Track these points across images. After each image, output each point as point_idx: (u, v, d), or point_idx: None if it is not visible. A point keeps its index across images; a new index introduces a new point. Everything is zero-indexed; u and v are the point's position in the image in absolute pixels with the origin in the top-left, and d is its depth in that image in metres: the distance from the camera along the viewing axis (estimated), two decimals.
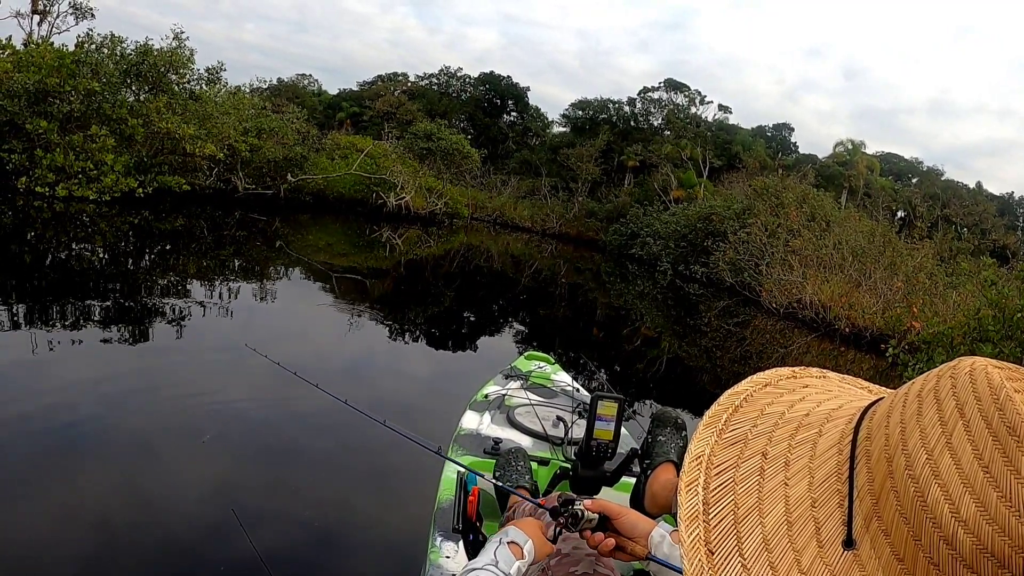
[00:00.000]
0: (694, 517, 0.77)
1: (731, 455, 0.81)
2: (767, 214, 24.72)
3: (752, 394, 0.89)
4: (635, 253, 31.27)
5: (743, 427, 0.83)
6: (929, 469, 0.65)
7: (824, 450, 0.77)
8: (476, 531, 2.74)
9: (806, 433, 0.80)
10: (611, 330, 15.48)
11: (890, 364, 11.46)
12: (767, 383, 0.91)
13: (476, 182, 41.29)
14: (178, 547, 3.91)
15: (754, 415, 0.85)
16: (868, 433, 0.74)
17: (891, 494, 0.68)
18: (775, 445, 0.80)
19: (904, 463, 0.68)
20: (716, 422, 0.85)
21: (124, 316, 8.77)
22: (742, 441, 0.82)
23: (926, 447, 0.67)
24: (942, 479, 0.64)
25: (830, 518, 0.73)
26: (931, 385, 0.71)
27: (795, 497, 0.75)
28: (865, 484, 0.72)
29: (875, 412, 0.76)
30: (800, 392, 0.89)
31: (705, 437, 0.83)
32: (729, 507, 0.76)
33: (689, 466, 0.81)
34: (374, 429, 6.33)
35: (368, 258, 18.68)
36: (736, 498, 0.77)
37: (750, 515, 0.75)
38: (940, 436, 0.66)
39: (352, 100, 53.72)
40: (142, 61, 19.39)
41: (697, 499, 0.78)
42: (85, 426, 5.28)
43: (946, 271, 20.65)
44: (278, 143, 24.29)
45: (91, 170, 16.84)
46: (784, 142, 52.33)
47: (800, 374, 0.94)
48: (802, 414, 0.83)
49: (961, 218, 41.93)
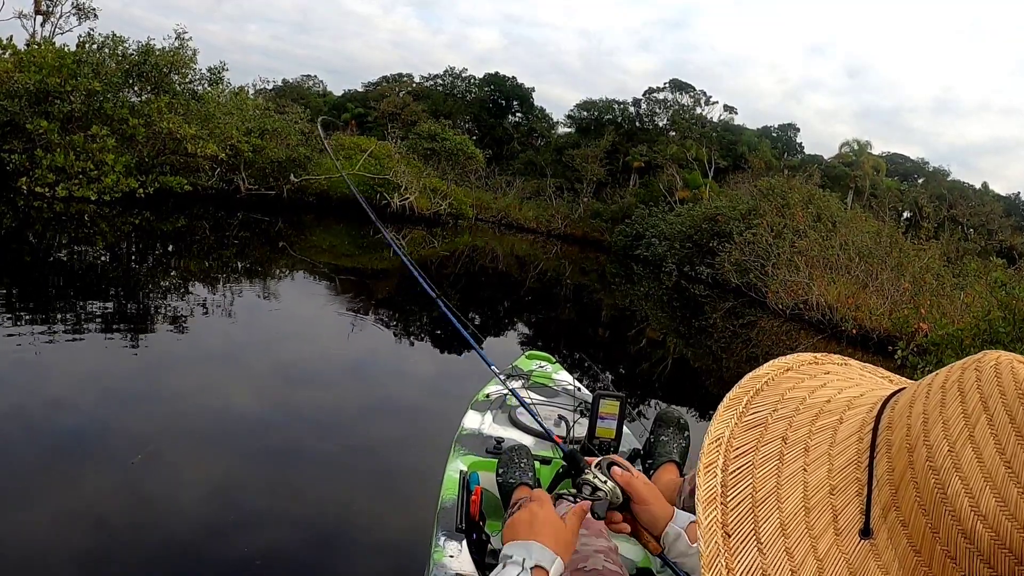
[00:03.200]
0: (712, 499, 0.76)
1: (751, 438, 0.81)
2: (773, 215, 24.60)
3: (773, 378, 0.89)
4: (640, 254, 31.14)
5: (764, 411, 0.83)
6: (950, 462, 0.65)
7: (844, 437, 0.77)
8: (479, 530, 2.73)
9: (827, 420, 0.80)
10: (616, 331, 15.39)
11: (898, 366, 11.34)
12: (788, 367, 0.91)
13: (481, 183, 41.28)
14: (179, 548, 3.90)
15: (775, 399, 0.84)
16: (889, 423, 0.74)
17: (911, 485, 0.68)
18: (795, 430, 0.80)
19: (925, 454, 0.67)
20: (737, 404, 0.85)
21: (124, 317, 8.71)
22: (762, 425, 0.82)
23: (948, 439, 0.66)
24: (963, 472, 0.64)
25: (848, 506, 0.72)
26: (955, 377, 0.71)
27: (814, 483, 0.75)
28: (884, 474, 0.71)
29: (897, 402, 0.76)
30: (821, 378, 0.89)
31: (725, 419, 0.84)
32: (747, 490, 0.76)
33: (708, 447, 0.81)
34: (374, 429, 6.32)
35: (372, 259, 18.65)
36: (755, 482, 0.77)
37: (768, 499, 0.75)
38: (963, 429, 0.66)
39: (357, 101, 53.86)
40: (144, 61, 19.27)
41: (716, 481, 0.77)
42: (84, 426, 5.27)
43: (953, 272, 20.54)
44: (281, 144, 24.19)
45: (91, 170, 16.75)
46: (789, 142, 52.29)
47: (822, 360, 0.94)
48: (823, 400, 0.83)
49: (968, 218, 41.73)
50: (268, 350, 8.49)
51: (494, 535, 2.83)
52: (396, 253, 3.41)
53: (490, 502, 2.95)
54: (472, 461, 3.27)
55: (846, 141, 48.85)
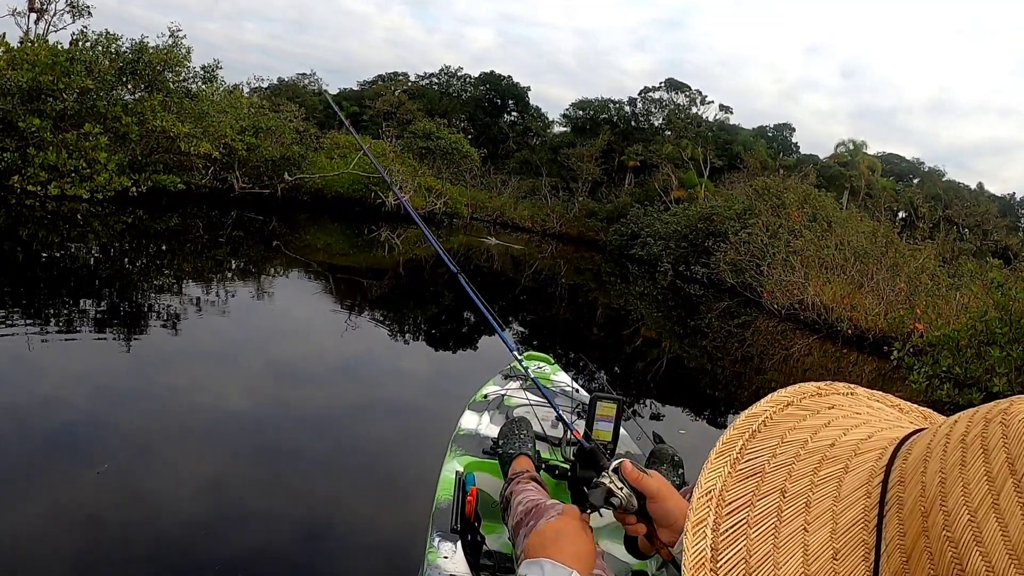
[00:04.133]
0: (700, 564, 0.69)
1: (746, 490, 0.72)
2: (768, 214, 24.61)
3: (771, 416, 0.80)
4: (636, 253, 31.19)
5: (761, 457, 0.75)
6: (971, 533, 0.57)
7: (850, 491, 0.69)
8: (474, 531, 2.75)
9: (831, 468, 0.71)
10: (611, 330, 15.36)
11: (895, 367, 11.32)
12: (789, 403, 0.82)
13: (476, 182, 41.33)
14: (173, 548, 3.87)
15: (773, 443, 0.76)
16: (901, 477, 0.66)
17: (924, 554, 0.59)
18: (795, 481, 0.71)
19: (942, 522, 0.59)
20: (730, 450, 0.77)
21: (117, 316, 8.66)
22: (759, 474, 0.73)
23: (969, 506, 0.58)
24: (985, 547, 0.55)
25: (853, 574, 0.64)
26: (977, 431, 0.62)
27: (815, 546, 0.66)
28: (895, 538, 0.63)
29: (910, 451, 0.67)
30: (825, 414, 0.80)
31: (717, 468, 0.76)
32: (741, 554, 0.68)
33: (698, 503, 0.73)
34: (372, 428, 6.29)
35: (367, 258, 18.61)
36: (749, 543, 0.68)
37: (764, 565, 0.66)
38: (986, 495, 0.57)
39: (352, 100, 53.78)
40: (137, 59, 19.17)
41: (705, 543, 0.70)
42: (77, 425, 5.23)
43: (948, 272, 20.52)
44: (276, 142, 24.11)
45: (84, 169, 16.65)
46: (785, 142, 52.41)
47: (825, 391, 0.84)
48: (827, 444, 0.74)
49: (963, 219, 41.89)
50: (262, 349, 8.45)
51: (489, 536, 2.84)
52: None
53: (486, 503, 2.96)
54: (468, 462, 3.28)
55: (842, 141, 49.07)
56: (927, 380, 9.47)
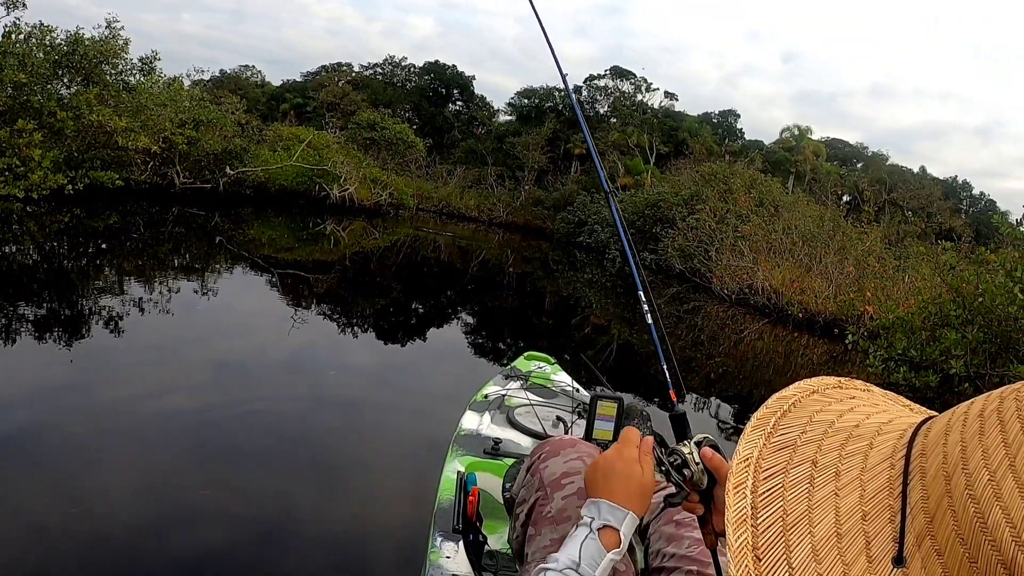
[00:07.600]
0: (742, 520, 0.76)
1: (780, 460, 0.80)
2: (715, 200, 24.84)
3: (800, 400, 0.88)
4: (583, 241, 31.29)
5: (792, 432, 0.83)
6: (991, 490, 0.63)
7: (876, 463, 0.76)
8: (476, 531, 2.78)
9: (857, 444, 0.79)
10: (560, 318, 15.44)
11: (849, 350, 11.39)
12: (814, 390, 0.90)
13: (422, 172, 41.22)
14: (169, 554, 3.79)
15: (803, 421, 0.84)
16: (923, 450, 0.72)
17: (948, 513, 0.66)
18: (825, 454, 0.79)
19: (964, 483, 0.66)
20: (764, 425, 0.84)
21: (56, 318, 8.38)
22: (791, 447, 0.81)
23: (988, 468, 0.65)
24: (1004, 502, 0.62)
25: (881, 533, 0.71)
26: (993, 407, 0.69)
27: (846, 509, 0.74)
28: (919, 501, 0.70)
29: (930, 429, 0.74)
30: (848, 403, 0.88)
31: (753, 439, 0.83)
32: (778, 513, 0.75)
33: (737, 467, 0.80)
34: (372, 428, 6.19)
35: (313, 251, 18.42)
36: (785, 504, 0.76)
37: (799, 523, 0.74)
38: (1003, 458, 0.64)
39: (296, 91, 53.40)
40: (73, 51, 18.63)
41: (745, 503, 0.77)
42: (16, 431, 5.05)
43: (894, 255, 20.80)
44: (217, 135, 23.68)
45: (18, 167, 16.09)
46: (730, 128, 52.90)
47: (846, 385, 0.93)
48: (852, 425, 0.82)
49: (907, 202, 42.65)
50: (211, 348, 8.23)
51: (491, 536, 2.86)
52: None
53: (488, 503, 3.01)
54: (470, 462, 3.31)
55: (787, 127, 49.74)
56: (883, 364, 9.52)
